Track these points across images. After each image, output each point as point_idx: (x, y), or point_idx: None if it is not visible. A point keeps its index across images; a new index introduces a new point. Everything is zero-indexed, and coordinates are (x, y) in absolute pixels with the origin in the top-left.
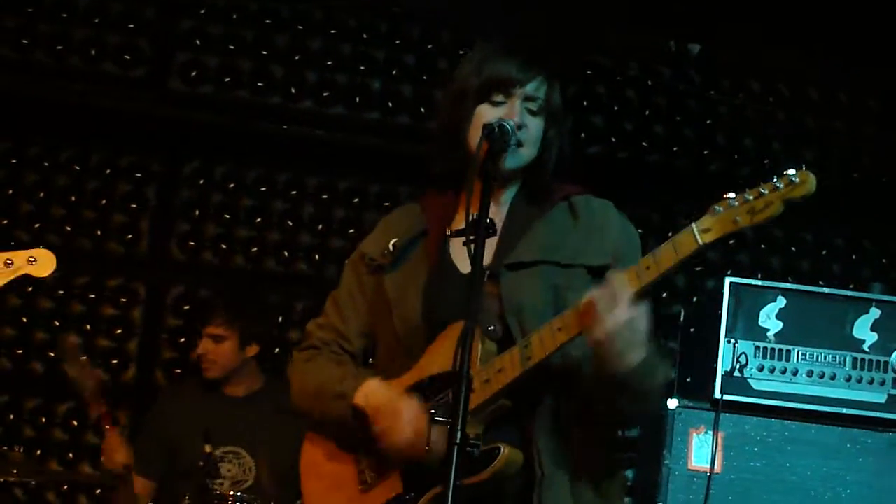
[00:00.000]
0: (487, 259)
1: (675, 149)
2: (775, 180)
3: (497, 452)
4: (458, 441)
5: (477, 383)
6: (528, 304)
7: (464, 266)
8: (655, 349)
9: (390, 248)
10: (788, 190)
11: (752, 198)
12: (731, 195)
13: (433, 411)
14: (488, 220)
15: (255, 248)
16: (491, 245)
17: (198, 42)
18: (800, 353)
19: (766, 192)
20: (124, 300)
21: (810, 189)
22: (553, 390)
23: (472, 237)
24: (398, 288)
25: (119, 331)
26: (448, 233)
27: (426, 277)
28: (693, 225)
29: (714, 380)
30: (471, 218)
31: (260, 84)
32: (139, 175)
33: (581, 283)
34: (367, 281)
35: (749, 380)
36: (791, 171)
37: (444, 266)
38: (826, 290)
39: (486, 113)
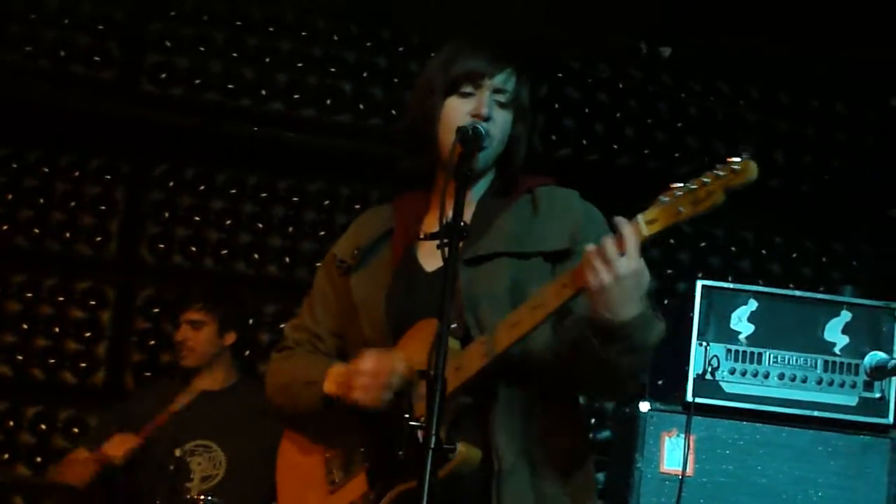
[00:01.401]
0: None
1: (645, 151)
2: (717, 169)
3: (453, 450)
4: (432, 445)
5: None
6: (485, 300)
7: (429, 264)
8: (650, 306)
9: (356, 250)
10: (730, 178)
11: (694, 187)
12: (677, 184)
13: (405, 415)
14: (463, 223)
15: (225, 251)
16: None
17: (168, 44)
18: (771, 356)
19: (709, 181)
20: (93, 303)
21: (751, 177)
22: (513, 382)
23: (445, 241)
24: (363, 289)
25: (88, 334)
26: (421, 235)
27: (390, 277)
28: (639, 216)
29: (686, 383)
30: (444, 221)
31: (230, 86)
32: (108, 177)
33: (539, 273)
34: (338, 282)
35: (721, 382)
36: (733, 159)
37: (408, 266)
38: (797, 293)
39: (455, 105)
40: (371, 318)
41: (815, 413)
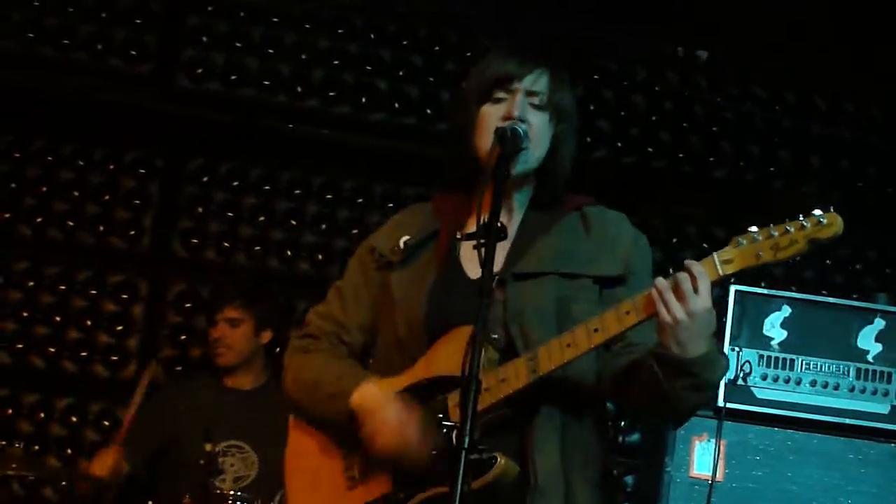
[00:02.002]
0: (498, 266)
1: (680, 155)
2: (802, 219)
3: (493, 462)
4: (465, 446)
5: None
6: (531, 313)
7: (472, 271)
8: (716, 344)
9: (401, 244)
10: (815, 230)
11: (777, 234)
12: (755, 228)
13: (440, 416)
14: (500, 225)
15: (258, 247)
16: (502, 251)
17: (204, 39)
18: (804, 362)
19: (793, 230)
20: (126, 296)
21: (837, 232)
22: (554, 398)
23: (482, 241)
24: (404, 287)
25: (120, 327)
26: (458, 236)
27: (433, 280)
28: (714, 255)
29: (717, 387)
30: (482, 222)
31: (266, 82)
32: (143, 171)
33: (588, 294)
34: (374, 276)
35: (752, 388)
36: (819, 212)
37: (452, 269)
38: (831, 299)
39: (489, 111)
40: (409, 318)
41: (847, 420)
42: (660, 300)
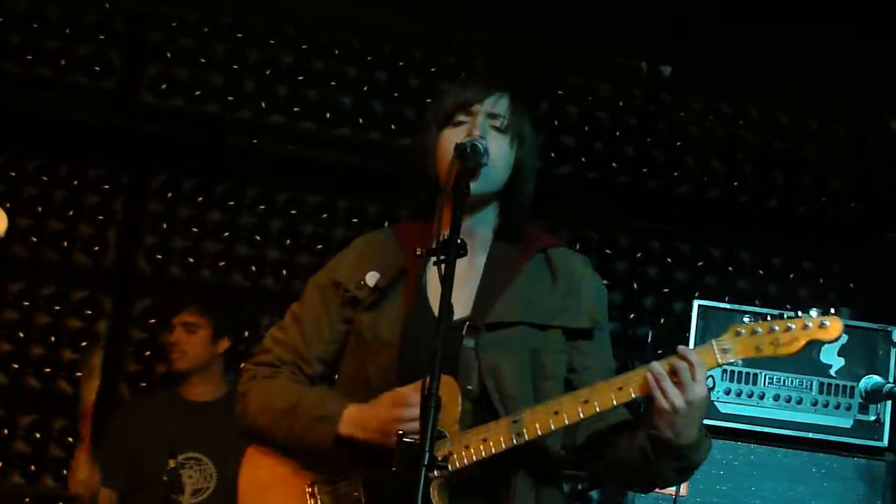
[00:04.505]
0: (467, 308)
1: (644, 170)
2: (804, 318)
3: None
4: (425, 462)
5: (457, 447)
6: (507, 368)
7: None
8: (704, 428)
9: (368, 283)
10: (818, 332)
11: (778, 329)
12: (749, 319)
13: (400, 432)
14: (460, 241)
15: (223, 263)
16: (470, 292)
17: (169, 55)
18: (767, 377)
19: (795, 328)
20: (90, 312)
21: (837, 336)
22: (529, 461)
23: (442, 259)
24: (376, 330)
25: (84, 343)
26: (418, 252)
27: (403, 322)
28: (713, 343)
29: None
30: (441, 238)
31: (230, 98)
32: (107, 187)
33: (557, 345)
34: (338, 311)
35: (716, 403)
36: (823, 316)
37: (422, 312)
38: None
39: (449, 135)
40: (380, 364)
41: (810, 435)
42: (657, 387)
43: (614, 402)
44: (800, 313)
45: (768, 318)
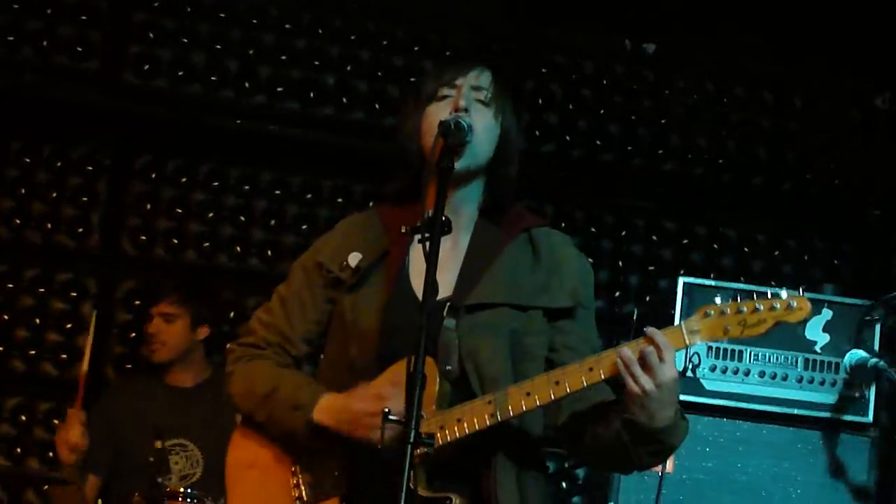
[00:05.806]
0: (448, 289)
1: (629, 148)
2: (773, 299)
3: (448, 503)
4: (411, 440)
5: (433, 428)
6: (487, 350)
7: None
8: (680, 409)
9: (350, 264)
10: (785, 314)
11: (746, 310)
12: (719, 301)
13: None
14: (444, 218)
15: (207, 244)
16: (453, 272)
17: (151, 35)
18: (752, 353)
19: (762, 308)
20: (74, 294)
21: (805, 318)
22: (510, 441)
23: (426, 236)
24: (356, 312)
25: (69, 325)
26: (404, 230)
27: (384, 302)
28: (682, 324)
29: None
30: (426, 216)
31: (213, 78)
32: (90, 168)
33: (538, 326)
34: (321, 292)
35: (702, 380)
36: (786, 294)
37: (403, 292)
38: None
39: (434, 110)
40: (361, 342)
41: (796, 411)
42: (626, 372)
43: (584, 383)
44: (769, 294)
45: (738, 298)
